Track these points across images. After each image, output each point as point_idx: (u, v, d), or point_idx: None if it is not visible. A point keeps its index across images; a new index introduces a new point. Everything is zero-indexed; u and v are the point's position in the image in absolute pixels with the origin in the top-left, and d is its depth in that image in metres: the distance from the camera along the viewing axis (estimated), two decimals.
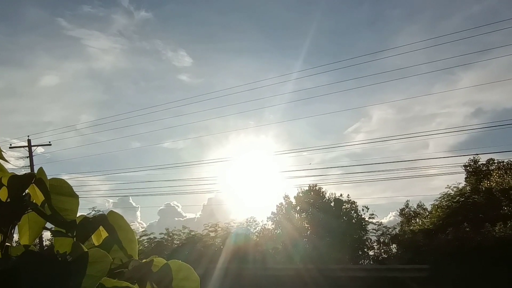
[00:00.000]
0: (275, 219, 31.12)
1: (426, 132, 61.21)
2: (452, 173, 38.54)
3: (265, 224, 31.42)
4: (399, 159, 53.34)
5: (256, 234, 30.74)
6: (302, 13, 68.83)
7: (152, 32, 66.49)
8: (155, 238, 28.88)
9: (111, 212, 1.30)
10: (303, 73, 52.07)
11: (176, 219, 46.77)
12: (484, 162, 29.29)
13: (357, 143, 65.33)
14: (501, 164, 27.53)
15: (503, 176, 24.68)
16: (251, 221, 31.59)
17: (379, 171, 37.31)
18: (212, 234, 28.55)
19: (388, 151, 62.06)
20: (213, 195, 52.96)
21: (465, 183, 28.45)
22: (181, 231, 29.30)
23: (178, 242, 28.55)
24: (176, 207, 51.70)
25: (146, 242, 28.50)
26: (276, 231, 30.85)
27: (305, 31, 74.08)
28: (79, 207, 1.29)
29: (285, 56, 73.94)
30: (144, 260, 1.26)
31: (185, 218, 47.66)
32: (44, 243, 28.58)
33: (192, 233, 28.95)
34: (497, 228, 20.80)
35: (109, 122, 58.98)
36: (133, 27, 63.99)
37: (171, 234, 29.08)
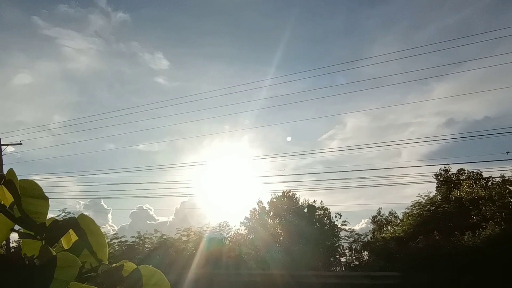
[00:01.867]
0: (248, 224, 31.08)
1: (399, 141, 62.44)
2: (423, 182, 39.45)
3: (238, 229, 31.37)
4: (372, 167, 54.23)
5: (229, 239, 30.61)
6: (279, 20, 69.38)
7: (129, 34, 65.68)
8: (126, 241, 28.44)
9: (82, 215, 1.26)
10: (279, 80, 52.49)
11: (148, 222, 46.21)
12: (455, 172, 30.10)
13: (331, 150, 66.04)
14: (471, 174, 28.31)
15: (473, 186, 25.39)
16: (224, 226, 31.47)
17: (352, 178, 37.86)
18: (185, 239, 28.29)
19: (362, 158, 62.82)
20: (187, 199, 52.63)
21: (436, 192, 29.13)
22: (153, 234, 28.94)
23: (149, 246, 28.17)
24: (149, 210, 51.08)
25: (117, 245, 28.02)
26: (249, 236, 30.80)
27: (281, 38, 74.62)
28: (49, 209, 1.26)
29: (261, 63, 74.37)
30: (114, 265, 1.22)
31: (157, 222, 47.17)
32: (11, 245, 27.74)
33: (164, 237, 28.63)
34: (466, 237, 21.32)
35: (83, 123, 57.95)
36: (110, 28, 63.06)
37: (142, 238, 28.68)
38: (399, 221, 29.37)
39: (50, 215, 1.28)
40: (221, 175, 34.94)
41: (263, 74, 69.84)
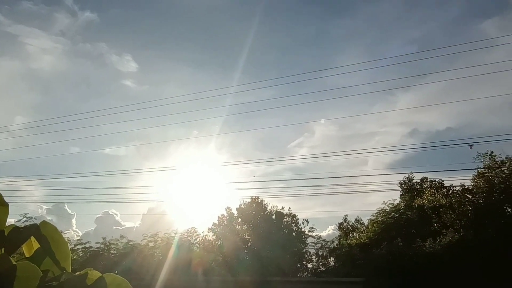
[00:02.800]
0: (216, 230, 30.90)
1: (365, 150, 63.70)
2: (388, 190, 40.30)
3: (206, 235, 31.11)
4: (339, 175, 55.01)
5: (197, 245, 30.33)
6: (249, 27, 69.85)
7: (97, 34, 64.22)
8: (90, 247, 27.64)
9: (44, 222, 1.24)
10: (249, 86, 52.63)
11: (114, 228, 45.18)
12: (418, 181, 30.97)
13: (299, 157, 66.57)
14: (433, 182, 29.18)
15: (434, 194, 26.17)
16: (192, 232, 31.15)
17: (320, 185, 38.19)
18: (152, 245, 27.80)
19: (329, 166, 63.73)
20: (154, 204, 51.75)
21: (400, 199, 29.86)
22: (118, 240, 28.28)
23: (115, 252, 27.50)
24: (115, 216, 49.99)
25: (81, 251, 27.20)
26: (217, 242, 30.60)
27: (251, 45, 75.04)
28: (9, 214, 1.22)
29: (231, 69, 74.40)
30: (78, 273, 1.20)
31: (123, 227, 46.21)
32: None
33: (131, 243, 28.03)
34: (427, 243, 21.91)
35: (46, 125, 55.92)
36: (77, 28, 61.52)
37: (108, 244, 27.97)
38: (364, 228, 29.91)
39: (10, 219, 1.23)
40: (189, 180, 34.61)
41: (233, 80, 69.91)
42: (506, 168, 23.17)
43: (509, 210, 22.69)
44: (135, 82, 67.06)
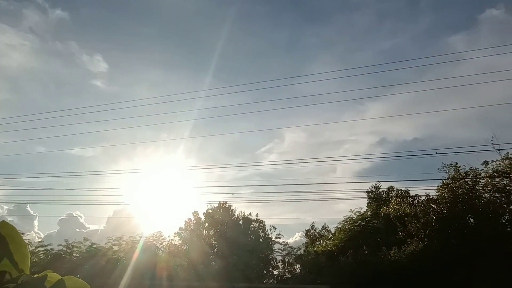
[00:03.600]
0: (182, 235, 30.40)
1: (334, 157, 64.31)
2: (356, 198, 40.72)
3: (172, 239, 30.58)
4: (308, 182, 55.24)
5: (162, 249, 29.78)
6: (223, 32, 69.77)
7: (67, 33, 62.71)
8: (52, 249, 26.79)
9: (3, 222, 1.25)
10: (220, 91, 52.40)
11: (78, 230, 44.03)
12: (385, 189, 31.41)
13: (269, 163, 66.60)
14: (399, 192, 29.65)
15: (400, 203, 26.55)
16: (158, 236, 30.57)
17: (288, 192, 38.24)
18: (116, 248, 27.19)
19: (299, 173, 64.13)
20: (120, 207, 50.60)
21: (366, 208, 30.16)
22: (81, 243, 27.51)
23: (78, 255, 26.72)
24: (79, 218, 48.73)
25: (42, 253, 26.31)
26: (183, 247, 30.11)
27: (224, 49, 75.00)
28: None
29: (203, 73, 74.10)
30: (36, 275, 1.19)
31: (87, 230, 45.12)
32: None
33: (94, 246, 27.31)
34: (392, 252, 22.13)
35: (11, 123, 53.92)
36: (46, 26, 59.92)
37: (70, 246, 27.17)
38: (331, 235, 30.02)
39: None
40: (157, 184, 33.93)
41: (204, 84, 69.69)
42: (469, 179, 23.67)
43: (471, 220, 23.14)
44: (105, 82, 65.76)
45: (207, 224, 30.33)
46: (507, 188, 22.89)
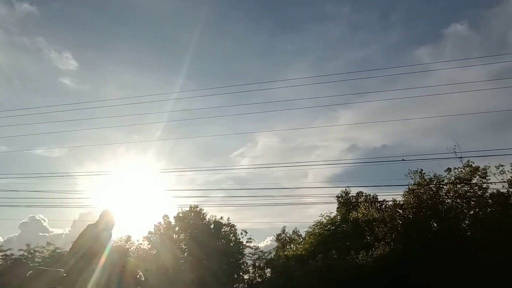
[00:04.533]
0: (152, 238, 30.05)
1: (306, 162, 65.26)
2: (326, 203, 41.41)
3: (141, 243, 30.17)
4: (280, 186, 55.72)
5: (131, 254, 29.31)
6: (198, 34, 69.65)
7: (35, 28, 61.02)
8: (12, 254, 25.88)
9: None
10: (193, 93, 52.16)
11: (41, 234, 42.78)
12: (354, 195, 32.11)
13: (242, 167, 66.79)
14: (368, 197, 30.40)
15: (369, 208, 27.20)
16: (126, 240, 30.13)
17: (261, 196, 38.46)
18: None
19: (271, 177, 64.64)
20: (87, 210, 49.39)
21: (336, 212, 30.73)
22: (44, 247, 26.70)
23: (40, 260, 25.90)
24: (42, 221, 47.30)
25: (0, 259, 25.40)
26: (152, 251, 29.76)
27: (200, 52, 74.86)
28: None
29: (177, 75, 73.69)
30: None
31: (51, 234, 43.89)
32: None
33: (58, 250, 26.56)
34: (360, 256, 22.67)
35: None
36: (13, 20, 58.10)
37: (32, 251, 26.33)
38: (301, 239, 30.41)
39: None
40: (126, 186, 33.35)
41: (177, 86, 69.10)
42: (433, 185, 24.60)
43: (435, 225, 24.05)
44: (74, 81, 64.15)
45: (177, 228, 30.12)
46: (468, 194, 23.97)
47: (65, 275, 6.14)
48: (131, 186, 33.62)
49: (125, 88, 65.83)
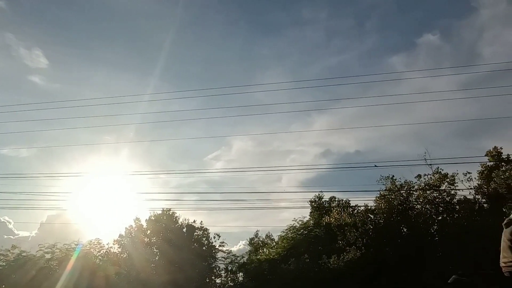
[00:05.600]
0: (122, 242, 29.47)
1: (280, 167, 65.59)
2: (299, 207, 41.65)
3: (111, 247, 29.55)
4: (254, 190, 55.75)
5: (100, 257, 28.68)
6: (175, 36, 69.21)
7: (4, 24, 59.11)
8: None
9: None
10: (169, 95, 51.73)
11: (6, 237, 41.41)
12: (327, 199, 32.50)
13: (216, 170, 66.49)
14: (341, 202, 30.81)
15: (341, 213, 27.59)
16: (96, 243, 29.44)
17: (234, 200, 38.37)
18: (48, 256, 25.75)
19: (245, 181, 64.60)
20: (55, 212, 48.13)
21: (309, 217, 30.98)
22: (9, 251, 25.75)
23: (4, 264, 25.01)
24: (7, 223, 45.75)
25: None
26: (122, 255, 29.19)
27: (176, 55, 74.36)
28: None
29: (152, 76, 72.86)
30: None
31: (16, 237, 42.58)
32: None
33: (24, 254, 25.68)
34: (332, 260, 22.92)
35: None
36: None
37: None
38: (274, 243, 30.48)
39: None
40: (97, 188, 32.66)
41: (152, 87, 68.32)
42: (404, 191, 25.19)
43: (405, 230, 24.60)
44: (44, 79, 62.58)
45: (149, 231, 29.68)
46: (437, 200, 24.68)
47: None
48: (102, 188, 32.98)
49: (98, 88, 64.57)
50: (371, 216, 25.57)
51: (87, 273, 24.67)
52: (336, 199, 31.64)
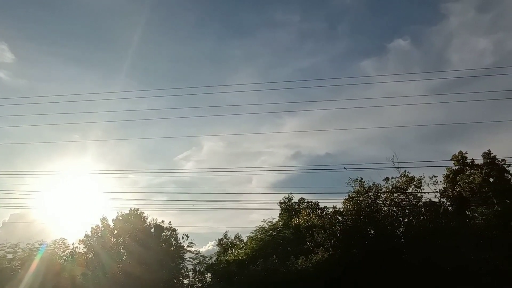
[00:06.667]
0: (88, 242, 28.80)
1: (251, 168, 65.57)
2: (269, 208, 41.67)
3: (76, 247, 28.85)
4: (224, 191, 55.50)
5: (65, 258, 28.00)
6: (144, 35, 68.43)
7: None
8: None
9: None
10: (138, 94, 50.86)
11: None
12: (297, 201, 32.62)
13: (186, 171, 65.97)
14: (310, 203, 30.99)
15: (310, 214, 27.73)
16: (61, 243, 28.71)
17: (204, 200, 38.03)
18: (10, 256, 25.02)
19: (215, 182, 64.32)
20: (18, 211, 46.60)
21: (278, 218, 31.04)
22: None
23: None
24: None
25: None
26: (88, 255, 28.54)
27: (145, 53, 73.52)
28: None
29: (121, 74, 71.74)
30: None
31: None
32: None
33: None
34: (300, 261, 23.00)
35: None
36: None
37: None
38: (243, 244, 30.40)
39: None
40: (63, 187, 31.79)
41: (121, 87, 67.24)
42: (372, 193, 25.53)
43: (372, 232, 24.92)
44: (10, 74, 60.62)
45: (116, 231, 29.09)
46: (403, 202, 25.11)
47: None
48: (68, 187, 32.12)
49: (65, 85, 62.95)
50: (339, 217, 25.80)
51: (52, 274, 24.09)
52: (306, 201, 31.88)
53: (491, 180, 25.28)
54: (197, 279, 27.33)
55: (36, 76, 64.44)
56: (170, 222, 29.68)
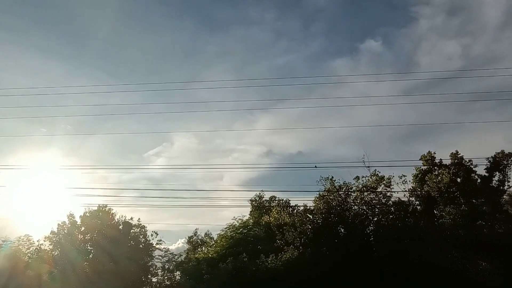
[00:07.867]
0: (54, 239, 28.01)
1: (223, 165, 65.27)
2: (240, 206, 41.41)
3: (42, 244, 28.04)
4: (195, 188, 55.11)
5: (29, 255, 27.21)
6: (115, 27, 67.10)
7: None
8: None
9: None
10: (110, 88, 49.81)
11: None
12: (268, 199, 32.54)
13: (157, 167, 65.07)
14: (281, 202, 30.91)
15: (281, 212, 27.67)
16: (25, 240, 27.88)
17: (175, 197, 37.57)
18: None
19: (186, 178, 63.69)
20: None
21: (249, 216, 30.89)
22: None
23: None
24: None
25: None
26: (54, 252, 27.78)
27: (116, 45, 72.13)
28: None
29: (94, 67, 70.13)
30: None
31: None
32: None
33: None
34: (269, 259, 22.94)
35: None
36: None
37: None
38: (213, 242, 30.17)
39: None
40: (29, 182, 30.75)
41: (92, 80, 65.69)
42: (342, 192, 25.66)
43: (342, 230, 25.06)
44: None
45: (83, 228, 28.36)
46: (373, 201, 25.33)
47: None
48: (34, 182, 31.08)
49: (31, 76, 60.91)
50: (309, 216, 25.81)
51: (16, 272, 23.42)
52: (277, 199, 31.81)
53: (459, 180, 25.74)
54: (166, 277, 27.02)
55: (1, 66, 62.12)
56: (139, 219, 29.20)
